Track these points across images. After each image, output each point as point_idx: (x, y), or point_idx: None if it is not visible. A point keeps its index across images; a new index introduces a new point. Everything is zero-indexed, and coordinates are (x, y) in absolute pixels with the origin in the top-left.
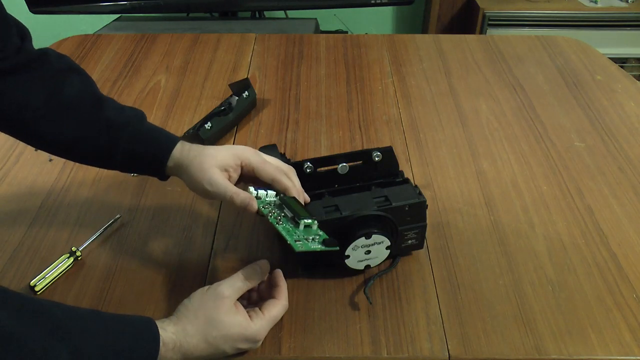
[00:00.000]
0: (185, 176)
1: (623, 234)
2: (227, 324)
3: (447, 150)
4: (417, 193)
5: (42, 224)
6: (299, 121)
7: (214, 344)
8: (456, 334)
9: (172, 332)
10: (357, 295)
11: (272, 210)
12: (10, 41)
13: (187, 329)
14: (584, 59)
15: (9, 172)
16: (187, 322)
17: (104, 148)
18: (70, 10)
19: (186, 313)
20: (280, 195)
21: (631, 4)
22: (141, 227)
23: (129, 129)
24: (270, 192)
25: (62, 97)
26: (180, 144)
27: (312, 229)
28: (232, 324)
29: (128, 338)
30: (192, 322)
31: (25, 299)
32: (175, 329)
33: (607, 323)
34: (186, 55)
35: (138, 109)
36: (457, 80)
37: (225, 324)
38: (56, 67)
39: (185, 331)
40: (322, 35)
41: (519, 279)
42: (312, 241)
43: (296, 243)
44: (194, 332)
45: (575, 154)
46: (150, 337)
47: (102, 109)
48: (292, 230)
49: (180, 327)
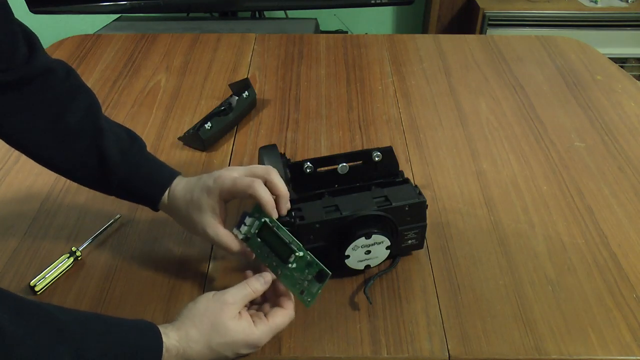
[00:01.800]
0: (177, 219)
1: (623, 234)
2: (232, 331)
3: (447, 150)
4: (417, 193)
5: (42, 224)
6: (299, 121)
7: (216, 350)
8: (456, 334)
9: (175, 339)
10: (357, 295)
11: (263, 252)
12: (19, 51)
13: (191, 334)
14: (584, 59)
15: (9, 173)
16: (191, 326)
17: (101, 179)
18: (70, 10)
19: (190, 317)
20: (257, 226)
21: (631, 4)
22: (141, 227)
23: (126, 165)
24: (248, 219)
25: (63, 125)
26: (171, 188)
27: (301, 259)
28: (236, 330)
29: (131, 345)
30: (196, 326)
31: (26, 302)
32: (179, 334)
33: (607, 323)
34: (186, 55)
35: (139, 137)
36: (457, 80)
37: (230, 331)
38: (61, 88)
39: (188, 336)
40: (322, 35)
41: (519, 279)
42: (308, 281)
43: (303, 297)
44: (198, 338)
45: (575, 154)
46: (153, 345)
47: (102, 140)
48: (291, 276)
49: (183, 332)
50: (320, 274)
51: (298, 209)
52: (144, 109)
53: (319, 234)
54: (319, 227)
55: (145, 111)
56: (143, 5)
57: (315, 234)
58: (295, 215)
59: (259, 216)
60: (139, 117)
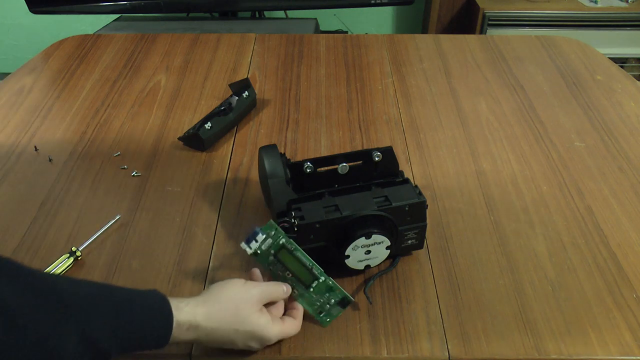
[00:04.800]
0: None
1: (623, 234)
2: (253, 323)
3: (447, 150)
4: (417, 193)
5: (42, 223)
6: (299, 121)
7: (230, 335)
8: (456, 334)
9: (190, 313)
10: (357, 295)
11: (276, 269)
12: None
13: (212, 313)
14: (584, 59)
15: (9, 172)
16: (216, 303)
17: None
18: (70, 10)
19: (217, 295)
20: (273, 246)
21: (631, 4)
22: (141, 227)
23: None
24: (260, 236)
25: None
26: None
27: (322, 283)
28: (258, 323)
29: (139, 326)
30: (221, 304)
31: (33, 274)
32: (195, 311)
33: (607, 323)
34: (186, 55)
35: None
36: (457, 80)
37: (252, 322)
38: None
39: (208, 314)
40: (322, 35)
41: (519, 279)
42: (330, 305)
43: (321, 317)
44: (219, 317)
45: (575, 154)
46: (163, 325)
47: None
48: (309, 297)
49: (204, 310)
50: (344, 301)
51: (298, 209)
52: (144, 109)
53: (319, 234)
54: (319, 227)
55: (145, 111)
56: (143, 5)
57: (315, 233)
58: (295, 215)
59: (274, 235)
60: (139, 117)
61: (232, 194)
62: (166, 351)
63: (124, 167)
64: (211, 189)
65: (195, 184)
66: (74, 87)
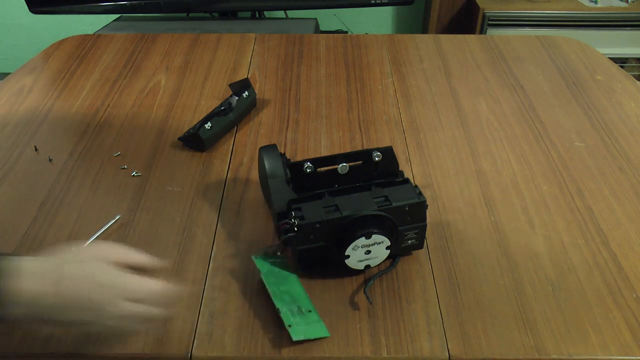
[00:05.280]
0: None
1: (623, 234)
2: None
3: (447, 150)
4: (417, 193)
5: (42, 223)
6: (299, 121)
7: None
8: (456, 334)
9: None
10: (357, 295)
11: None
12: None
13: None
14: (584, 59)
15: (9, 172)
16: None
17: None
18: (70, 10)
19: None
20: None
21: (631, 4)
22: (141, 227)
23: None
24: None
25: None
26: None
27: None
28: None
29: None
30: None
31: None
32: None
33: (607, 323)
34: (186, 55)
35: None
36: (457, 80)
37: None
38: None
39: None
40: (322, 35)
41: (519, 279)
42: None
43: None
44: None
45: (575, 154)
46: None
47: None
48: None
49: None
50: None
51: (298, 209)
52: (144, 109)
53: (319, 234)
54: (319, 227)
55: (145, 111)
56: (143, 5)
57: (316, 233)
58: (296, 215)
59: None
60: (139, 117)
61: (232, 194)
62: (166, 351)
63: (124, 167)
64: (211, 189)
65: (195, 184)
66: (74, 87)
